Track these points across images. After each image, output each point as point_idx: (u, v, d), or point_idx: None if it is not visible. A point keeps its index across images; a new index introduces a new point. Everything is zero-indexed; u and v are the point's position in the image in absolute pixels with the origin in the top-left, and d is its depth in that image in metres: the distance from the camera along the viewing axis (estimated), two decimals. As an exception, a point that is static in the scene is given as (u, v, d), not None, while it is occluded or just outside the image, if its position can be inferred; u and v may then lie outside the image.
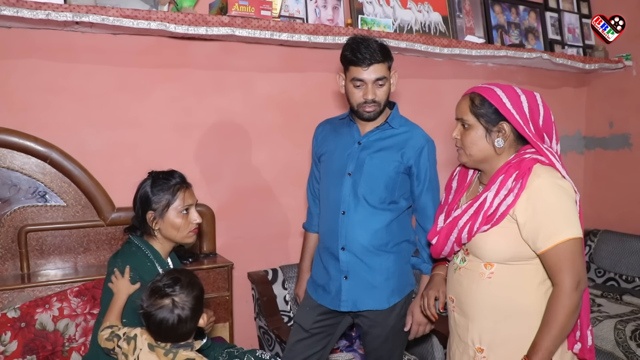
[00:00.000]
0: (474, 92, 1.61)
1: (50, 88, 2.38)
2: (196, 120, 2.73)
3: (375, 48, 1.91)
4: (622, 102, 3.93)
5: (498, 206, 1.53)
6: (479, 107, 1.58)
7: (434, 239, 1.71)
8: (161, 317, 1.47)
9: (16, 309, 2.00)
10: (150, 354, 1.53)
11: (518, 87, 1.60)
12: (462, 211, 1.62)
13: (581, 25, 4.01)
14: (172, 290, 1.50)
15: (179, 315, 1.49)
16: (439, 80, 3.47)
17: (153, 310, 1.48)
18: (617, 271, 3.60)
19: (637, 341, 2.77)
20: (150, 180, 1.81)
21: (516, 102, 1.55)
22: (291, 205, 3.03)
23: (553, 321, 1.45)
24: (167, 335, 1.51)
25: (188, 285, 1.53)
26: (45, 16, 2.06)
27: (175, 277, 1.53)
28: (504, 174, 1.55)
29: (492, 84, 1.61)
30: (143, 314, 1.50)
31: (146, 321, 1.51)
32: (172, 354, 1.51)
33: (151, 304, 1.49)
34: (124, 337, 1.57)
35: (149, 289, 1.51)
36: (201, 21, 2.37)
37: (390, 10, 3.11)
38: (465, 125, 1.61)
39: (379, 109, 1.98)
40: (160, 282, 1.52)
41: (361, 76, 1.93)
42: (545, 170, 1.51)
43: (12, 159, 2.29)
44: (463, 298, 1.66)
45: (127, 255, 1.77)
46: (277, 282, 2.86)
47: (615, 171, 4.01)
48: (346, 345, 2.76)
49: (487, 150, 1.60)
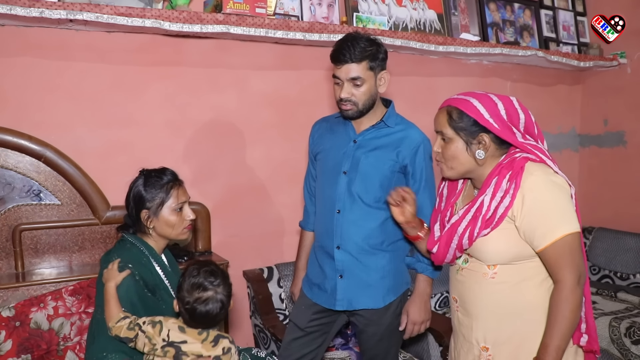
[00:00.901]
0: (450, 106, 1.60)
1: (44, 86, 2.37)
2: (191, 118, 2.72)
3: (356, 47, 1.88)
4: (617, 100, 3.94)
5: (496, 209, 1.52)
6: (457, 120, 1.57)
7: (434, 247, 1.70)
8: (207, 309, 1.58)
9: (11, 308, 1.99)
10: (181, 334, 1.61)
11: (493, 94, 1.59)
12: (459, 217, 1.62)
13: (576, 23, 4.02)
14: (212, 283, 1.60)
15: (222, 302, 1.60)
16: (434, 78, 3.47)
17: (199, 304, 1.58)
18: (611, 268, 3.62)
19: (631, 338, 2.79)
20: (143, 178, 1.81)
21: (493, 110, 1.54)
22: (286, 203, 3.02)
23: (560, 319, 1.45)
24: (208, 323, 1.62)
25: (223, 276, 1.64)
26: (38, 14, 2.05)
27: (211, 269, 1.63)
28: (497, 175, 1.55)
29: (467, 94, 1.60)
30: (187, 308, 1.58)
31: (190, 315, 1.59)
32: (206, 332, 1.62)
33: (196, 298, 1.58)
34: (148, 321, 1.63)
35: (189, 285, 1.60)
36: (196, 19, 2.36)
37: (385, 8, 3.11)
38: (445, 139, 1.61)
39: (357, 108, 1.95)
40: (199, 277, 1.61)
41: (337, 74, 1.94)
42: (537, 167, 1.51)
43: (6, 158, 2.28)
44: (467, 298, 1.66)
45: (122, 251, 1.76)
46: (273, 280, 2.86)
47: (610, 169, 4.02)
48: (342, 343, 2.77)
49: (468, 163, 1.60)
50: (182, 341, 1.60)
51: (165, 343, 1.60)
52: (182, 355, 1.59)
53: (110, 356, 1.61)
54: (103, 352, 1.61)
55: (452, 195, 1.75)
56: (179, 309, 1.62)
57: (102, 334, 1.63)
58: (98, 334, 1.64)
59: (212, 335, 1.62)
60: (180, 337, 1.61)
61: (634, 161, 3.85)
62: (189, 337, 1.61)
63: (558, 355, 1.46)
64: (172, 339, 1.60)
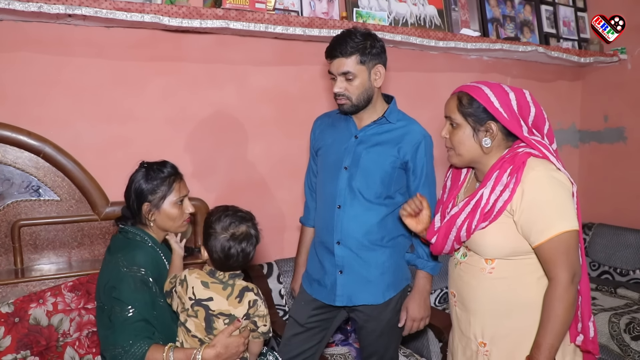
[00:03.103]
0: (461, 91, 1.60)
1: (43, 81, 2.36)
2: (190, 113, 2.71)
3: (348, 42, 1.88)
4: (617, 96, 3.94)
5: (495, 202, 1.52)
6: (466, 106, 1.57)
7: (432, 238, 1.71)
8: (242, 246, 1.62)
9: (10, 304, 1.99)
10: (205, 290, 1.63)
11: (507, 85, 1.59)
12: (459, 209, 1.62)
13: (576, 19, 4.01)
14: (244, 218, 1.66)
15: (256, 238, 1.67)
16: (434, 74, 3.46)
17: (234, 241, 1.61)
18: (611, 264, 3.62)
19: (631, 334, 2.79)
20: (144, 171, 1.82)
21: (504, 99, 1.54)
22: (286, 199, 3.02)
23: (553, 317, 1.45)
24: (241, 263, 1.65)
25: (251, 214, 1.71)
26: (37, 8, 2.04)
27: (239, 209, 1.70)
28: (498, 169, 1.54)
29: (480, 82, 1.60)
30: (223, 245, 1.60)
31: (226, 252, 1.61)
32: (230, 286, 1.64)
33: (232, 233, 1.61)
34: (179, 280, 1.67)
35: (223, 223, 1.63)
36: (195, 14, 2.35)
37: (385, 4, 3.09)
38: (454, 124, 1.61)
39: (351, 102, 1.95)
40: (230, 216, 1.65)
41: (330, 69, 1.96)
42: (539, 162, 1.50)
43: (5, 153, 2.27)
44: (465, 293, 1.66)
45: (129, 247, 1.77)
46: (273, 276, 2.85)
47: (610, 165, 4.02)
48: (342, 339, 2.77)
49: (474, 150, 1.59)
50: (208, 298, 1.62)
51: (193, 301, 1.63)
52: (212, 316, 1.61)
53: (137, 344, 1.62)
54: (129, 340, 1.62)
55: (455, 186, 1.75)
56: (210, 254, 1.64)
57: (124, 323, 1.64)
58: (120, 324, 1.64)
59: (237, 290, 1.64)
60: (205, 293, 1.62)
61: (634, 157, 3.85)
62: (214, 293, 1.62)
63: (551, 354, 1.46)
64: (198, 296, 1.62)
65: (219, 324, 1.64)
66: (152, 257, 1.79)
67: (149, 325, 1.67)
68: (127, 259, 1.72)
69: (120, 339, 1.62)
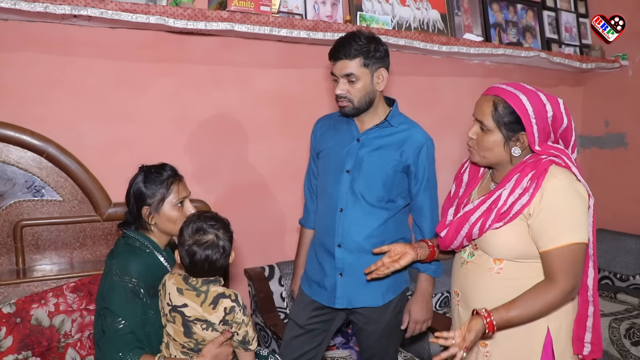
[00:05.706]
0: (498, 96, 1.55)
1: (46, 82, 2.36)
2: (194, 115, 2.71)
3: (352, 44, 1.89)
4: (618, 102, 3.95)
5: (512, 205, 1.52)
6: (502, 114, 1.53)
7: (443, 231, 1.70)
8: (207, 253, 1.60)
9: (11, 304, 1.98)
10: (180, 297, 1.62)
11: (543, 93, 1.55)
12: (474, 207, 1.62)
13: (578, 25, 4.02)
14: (213, 226, 1.63)
15: (223, 249, 1.62)
16: (437, 78, 3.47)
17: (199, 247, 1.59)
18: (611, 270, 3.63)
19: (631, 339, 2.79)
20: (142, 175, 1.81)
21: (540, 113, 1.51)
22: (288, 201, 3.02)
23: (531, 303, 1.46)
24: (207, 270, 1.63)
25: (224, 222, 1.68)
26: (43, 9, 2.04)
27: (212, 215, 1.67)
28: (519, 172, 1.54)
29: (517, 88, 1.55)
30: (188, 251, 1.59)
31: (190, 259, 1.60)
32: (204, 293, 1.62)
33: (197, 240, 1.60)
34: (160, 285, 1.68)
35: (190, 229, 1.62)
36: (200, 16, 2.35)
37: (389, 8, 3.10)
38: (484, 129, 1.58)
39: (352, 105, 1.95)
40: (199, 221, 1.63)
41: (332, 70, 1.95)
42: (561, 171, 1.51)
43: (8, 153, 2.27)
44: (469, 292, 1.66)
45: (124, 254, 1.76)
46: (274, 278, 2.85)
47: (611, 170, 4.03)
48: (342, 342, 2.77)
49: (502, 157, 1.59)
50: (183, 305, 1.61)
51: (170, 307, 1.63)
52: (189, 322, 1.61)
53: (128, 356, 1.62)
54: (119, 353, 1.62)
55: (473, 182, 1.75)
56: (180, 259, 1.64)
57: (114, 335, 1.64)
58: (110, 335, 1.65)
59: (210, 297, 1.62)
60: (180, 300, 1.62)
61: (635, 163, 3.86)
62: (188, 300, 1.61)
63: (504, 325, 1.46)
64: (174, 303, 1.62)
65: (198, 329, 1.64)
66: (149, 265, 1.77)
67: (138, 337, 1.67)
68: (120, 267, 1.71)
69: (110, 352, 1.62)
